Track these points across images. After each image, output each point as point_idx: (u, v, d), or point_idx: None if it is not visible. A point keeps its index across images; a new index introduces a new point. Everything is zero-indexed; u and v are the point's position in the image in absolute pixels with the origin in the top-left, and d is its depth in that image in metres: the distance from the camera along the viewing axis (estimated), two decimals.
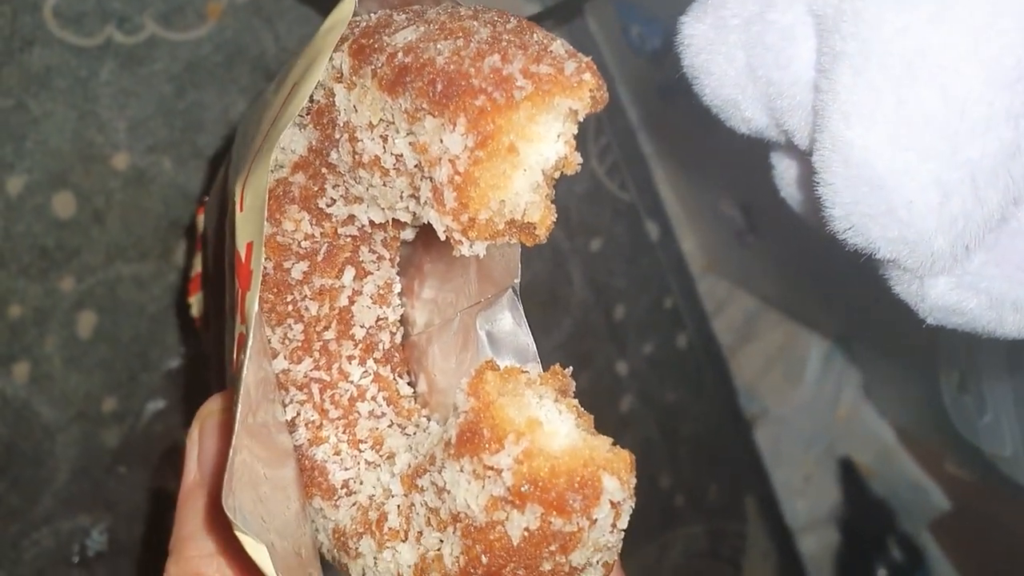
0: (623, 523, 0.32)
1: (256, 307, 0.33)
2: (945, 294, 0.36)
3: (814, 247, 0.40)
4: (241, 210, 0.36)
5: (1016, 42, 0.30)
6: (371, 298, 0.42)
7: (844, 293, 0.75)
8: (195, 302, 0.56)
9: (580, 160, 0.32)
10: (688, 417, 0.92)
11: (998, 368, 0.64)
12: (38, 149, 0.57)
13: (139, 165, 0.60)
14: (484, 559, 0.33)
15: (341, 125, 0.35)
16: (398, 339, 0.43)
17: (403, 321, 0.44)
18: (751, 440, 0.96)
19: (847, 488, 0.96)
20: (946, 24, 0.31)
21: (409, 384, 0.43)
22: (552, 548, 0.32)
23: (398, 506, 0.37)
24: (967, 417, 0.68)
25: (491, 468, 0.32)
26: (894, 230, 0.33)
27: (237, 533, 0.31)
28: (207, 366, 0.55)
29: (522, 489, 0.31)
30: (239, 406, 0.32)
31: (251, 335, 0.33)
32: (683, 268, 0.89)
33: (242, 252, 0.35)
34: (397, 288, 0.43)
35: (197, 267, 0.56)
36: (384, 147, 0.34)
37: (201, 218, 0.55)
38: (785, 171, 0.43)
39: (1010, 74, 0.30)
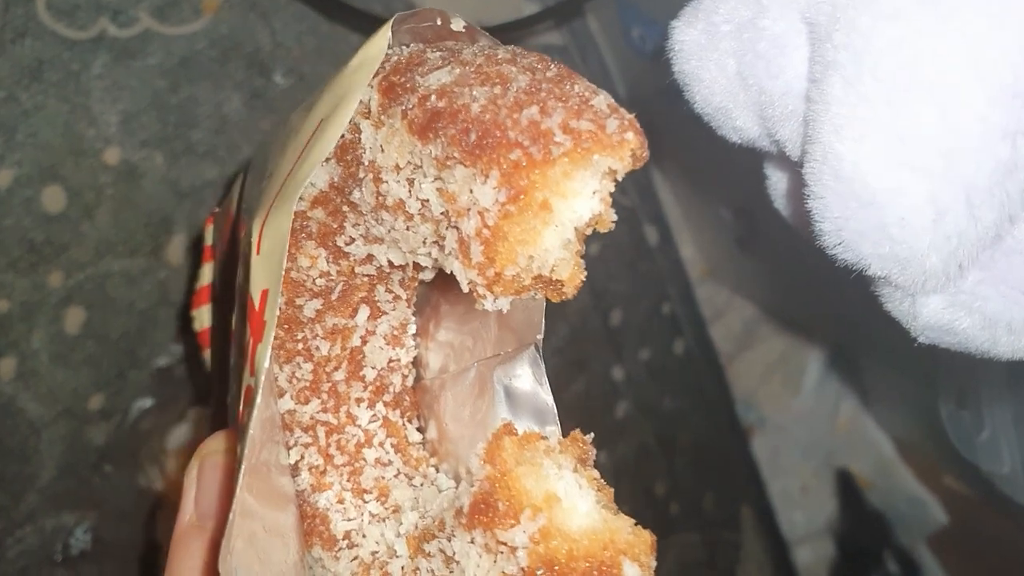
0: None
1: (267, 362, 0.32)
2: (938, 313, 0.35)
3: (814, 256, 0.39)
4: (258, 252, 0.35)
5: (1014, 58, 0.29)
6: (384, 339, 0.40)
7: (844, 303, 0.74)
8: (197, 315, 0.55)
9: (615, 218, 0.31)
10: (685, 425, 0.91)
11: (997, 385, 0.63)
12: (28, 142, 0.56)
13: (131, 160, 0.60)
14: None
15: (366, 164, 0.34)
16: (410, 382, 0.42)
17: (416, 363, 0.43)
18: (748, 449, 0.95)
19: (844, 500, 0.95)
20: (943, 37, 0.30)
21: (419, 430, 0.42)
22: None
23: (402, 567, 0.36)
24: (965, 433, 0.67)
25: (504, 544, 0.31)
26: (885, 247, 0.32)
27: None
28: (209, 387, 0.54)
29: (537, 573, 0.30)
30: (243, 463, 0.31)
31: (259, 390, 0.32)
32: (682, 274, 0.89)
33: (256, 299, 0.34)
34: (412, 329, 0.42)
35: (203, 279, 0.55)
36: (410, 191, 0.33)
37: (210, 229, 0.54)
38: (777, 182, 0.42)
39: (1008, 90, 0.29)
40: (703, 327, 0.91)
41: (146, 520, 0.62)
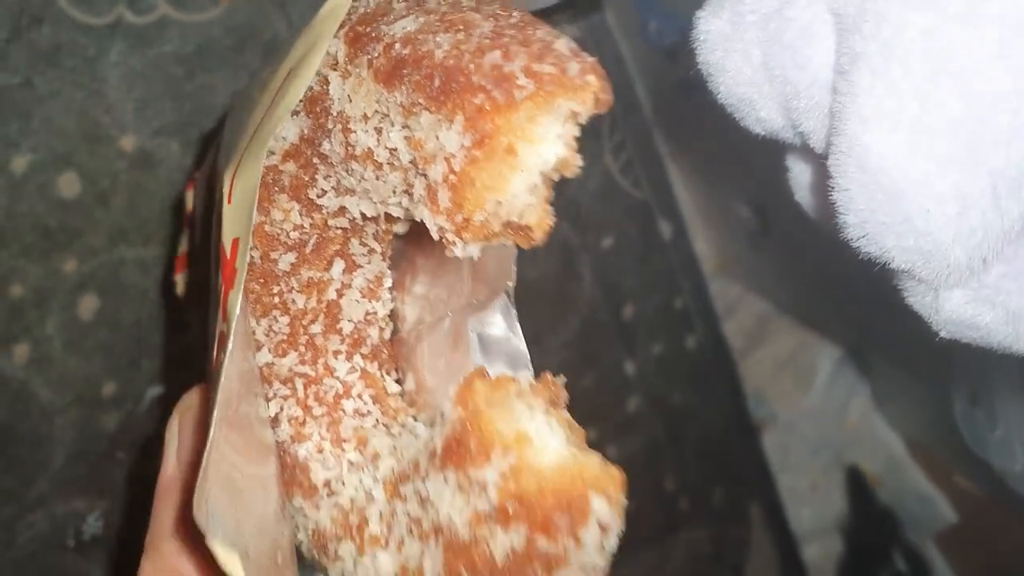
0: (611, 544, 0.31)
1: (238, 308, 0.32)
2: (960, 307, 0.35)
3: (829, 253, 0.39)
4: (229, 202, 0.35)
5: None
6: (360, 292, 0.41)
7: (858, 301, 0.74)
8: (180, 280, 0.55)
9: (580, 163, 0.31)
10: (695, 420, 0.91)
11: (1011, 383, 0.63)
12: (44, 128, 0.56)
13: (146, 147, 0.60)
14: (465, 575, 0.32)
15: (335, 115, 0.34)
16: (387, 335, 0.42)
17: (393, 316, 0.43)
18: (758, 445, 0.95)
19: (854, 497, 0.95)
20: (973, 27, 0.30)
21: (397, 382, 0.42)
22: (535, 568, 0.31)
23: (380, 512, 0.36)
24: (978, 431, 0.67)
25: (476, 482, 0.31)
26: (910, 239, 0.32)
27: (209, 543, 0.30)
28: (191, 349, 0.55)
29: (507, 507, 0.30)
30: (216, 409, 0.31)
31: (232, 335, 0.32)
32: (695, 269, 0.88)
33: (227, 248, 0.34)
34: (388, 282, 0.42)
35: (184, 245, 0.55)
36: (378, 140, 0.33)
37: (190, 195, 0.54)
38: (800, 175, 0.42)
39: None
40: (715, 322, 0.90)
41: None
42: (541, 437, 0.31)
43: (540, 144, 0.30)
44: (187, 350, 0.63)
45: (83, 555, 0.61)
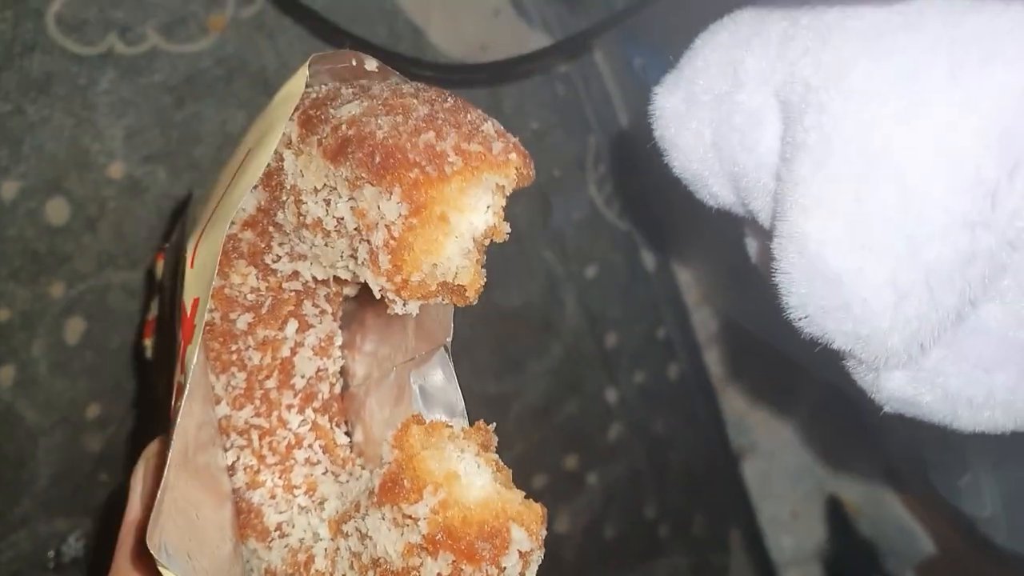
0: (531, 572, 0.35)
1: (196, 360, 0.35)
2: (901, 387, 0.36)
3: None
4: (192, 266, 0.38)
5: (977, 149, 0.30)
6: (312, 350, 0.43)
7: None
8: (149, 345, 0.57)
9: (508, 229, 0.35)
10: (677, 448, 0.91)
11: None
12: (34, 154, 0.57)
13: (134, 174, 0.60)
14: None
15: (288, 188, 0.37)
16: (337, 390, 0.45)
17: (343, 373, 0.46)
18: (739, 473, 0.95)
19: (833, 526, 0.95)
20: (910, 125, 0.30)
21: (346, 434, 0.45)
22: None
23: (325, 549, 0.39)
24: (946, 476, 0.67)
25: (409, 517, 0.34)
26: (848, 324, 0.33)
27: (160, 569, 0.32)
28: (158, 408, 0.56)
29: (436, 537, 0.33)
30: (172, 450, 0.34)
31: (188, 386, 0.35)
32: (678, 299, 0.89)
33: (188, 306, 0.37)
34: (338, 341, 0.45)
35: (153, 311, 0.57)
36: (327, 210, 0.36)
37: (160, 264, 0.55)
38: (752, 244, 0.43)
39: (969, 181, 0.30)
40: (698, 352, 0.91)
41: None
42: (469, 476, 0.35)
43: (470, 213, 0.34)
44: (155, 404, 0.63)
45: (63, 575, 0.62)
